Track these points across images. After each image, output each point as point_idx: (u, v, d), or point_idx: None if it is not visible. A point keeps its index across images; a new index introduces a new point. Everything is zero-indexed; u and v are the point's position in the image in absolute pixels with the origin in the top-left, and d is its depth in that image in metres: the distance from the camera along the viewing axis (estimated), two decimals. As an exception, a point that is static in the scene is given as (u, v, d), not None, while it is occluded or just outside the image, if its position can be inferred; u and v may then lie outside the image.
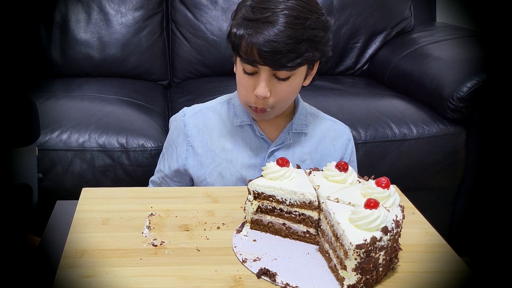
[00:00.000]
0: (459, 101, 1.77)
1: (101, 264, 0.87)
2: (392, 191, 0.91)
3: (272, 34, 1.04)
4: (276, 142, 1.23)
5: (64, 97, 1.86)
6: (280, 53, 1.05)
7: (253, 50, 1.06)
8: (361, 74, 2.35)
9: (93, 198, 1.07)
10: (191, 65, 2.23)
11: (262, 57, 1.06)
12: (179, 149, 1.26)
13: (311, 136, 1.26)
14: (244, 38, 1.07)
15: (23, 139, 0.89)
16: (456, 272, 0.90)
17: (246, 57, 1.08)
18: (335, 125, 1.31)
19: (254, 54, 1.07)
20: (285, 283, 0.84)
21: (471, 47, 2.11)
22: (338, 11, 2.25)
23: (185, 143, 1.25)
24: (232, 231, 0.98)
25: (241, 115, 1.23)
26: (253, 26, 1.07)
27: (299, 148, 1.25)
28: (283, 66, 1.07)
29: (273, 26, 1.05)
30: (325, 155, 1.27)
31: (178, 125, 1.27)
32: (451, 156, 1.82)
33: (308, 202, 0.94)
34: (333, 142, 1.28)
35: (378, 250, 0.82)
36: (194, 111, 1.27)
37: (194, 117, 1.26)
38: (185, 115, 1.27)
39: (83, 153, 1.62)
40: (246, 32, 1.07)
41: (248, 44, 1.07)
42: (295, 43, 1.05)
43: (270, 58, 1.05)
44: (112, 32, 2.14)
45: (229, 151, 1.23)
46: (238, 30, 1.09)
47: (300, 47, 1.06)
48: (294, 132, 1.24)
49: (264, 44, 1.04)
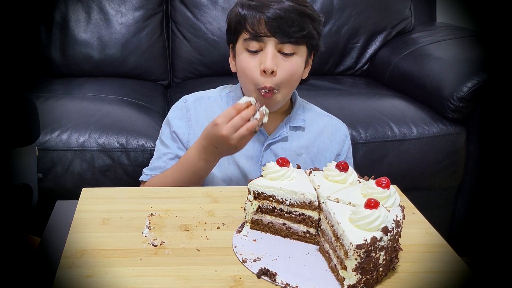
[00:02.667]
0: (459, 101, 1.77)
1: (101, 264, 0.86)
2: (392, 191, 0.91)
3: (278, 6, 1.13)
4: (273, 135, 1.25)
5: (64, 97, 1.86)
6: (287, 23, 1.13)
7: (260, 22, 1.13)
8: (361, 74, 2.35)
9: (93, 198, 1.07)
10: (191, 65, 2.23)
11: (270, 26, 1.13)
12: (180, 131, 1.27)
13: (308, 130, 1.28)
14: (251, 13, 1.14)
15: (23, 139, 0.89)
16: (456, 272, 0.90)
17: (253, 31, 1.14)
18: (332, 121, 1.33)
19: (262, 26, 1.13)
20: (285, 283, 0.84)
21: (471, 47, 2.11)
22: (338, 11, 2.25)
23: (187, 127, 1.26)
24: (232, 231, 0.98)
25: None
26: (258, 2, 1.15)
27: (296, 142, 1.26)
28: (289, 36, 1.13)
29: (278, 1, 1.14)
30: (322, 150, 1.28)
31: (180, 111, 1.28)
32: (451, 156, 1.82)
33: (308, 202, 0.94)
34: (330, 138, 1.30)
35: (379, 250, 0.82)
36: (196, 97, 1.30)
37: (196, 103, 1.29)
38: (187, 101, 1.29)
39: (83, 153, 1.62)
40: (253, 5, 1.15)
41: (255, 17, 1.14)
42: (299, 16, 1.14)
43: (278, 26, 1.13)
44: (112, 32, 2.14)
45: None
46: (243, 9, 1.16)
47: (304, 20, 1.15)
48: (291, 125, 1.26)
49: (272, 14, 1.13)
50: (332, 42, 2.27)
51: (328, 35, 2.25)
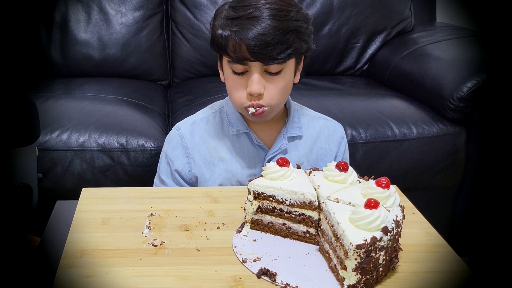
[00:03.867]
0: (459, 101, 1.77)
1: (101, 264, 0.87)
2: (392, 191, 0.91)
3: (259, 28, 1.04)
4: (273, 149, 1.22)
5: (64, 97, 1.86)
6: (270, 46, 1.04)
7: (241, 47, 1.05)
8: (361, 74, 2.35)
9: (93, 198, 1.07)
10: (191, 65, 2.23)
11: (252, 52, 1.04)
12: (177, 163, 1.23)
13: (306, 137, 1.26)
14: (231, 37, 1.06)
15: (23, 139, 0.89)
16: (456, 272, 0.90)
17: (235, 55, 1.07)
18: (328, 123, 1.30)
19: (244, 51, 1.05)
20: (285, 283, 0.84)
21: (471, 47, 2.10)
22: (338, 11, 2.25)
23: (185, 156, 1.23)
24: (232, 231, 0.98)
25: (236, 123, 1.21)
26: (238, 24, 1.06)
27: (295, 152, 1.24)
28: (274, 59, 1.06)
29: (258, 20, 1.04)
30: (321, 155, 1.27)
31: (174, 140, 1.24)
32: (451, 156, 1.82)
33: (308, 202, 0.94)
34: (327, 141, 1.28)
35: (378, 250, 0.82)
36: (188, 123, 1.25)
37: (189, 129, 1.24)
38: (179, 129, 1.25)
39: (83, 153, 1.62)
40: (233, 30, 1.06)
41: (236, 41, 1.05)
42: (282, 35, 1.05)
43: (260, 52, 1.04)
44: (112, 32, 2.14)
45: (228, 162, 1.22)
46: (223, 31, 1.07)
47: (288, 38, 1.05)
48: (289, 136, 1.23)
49: (253, 39, 1.03)
50: (332, 42, 2.27)
51: (328, 35, 2.25)
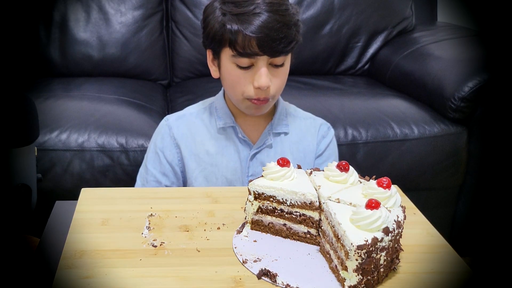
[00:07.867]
0: (460, 101, 1.77)
1: (100, 265, 0.86)
2: (393, 192, 0.90)
3: (266, 24, 1.09)
4: (257, 144, 1.24)
5: (63, 97, 1.86)
6: (277, 40, 1.10)
7: (251, 42, 1.10)
8: (362, 74, 2.34)
9: (93, 198, 1.07)
10: (191, 65, 2.23)
11: (262, 46, 1.10)
12: (166, 153, 1.26)
13: (291, 134, 1.27)
14: (241, 32, 1.10)
15: (22, 139, 0.88)
16: (457, 272, 0.90)
17: (243, 51, 1.11)
18: (315, 122, 1.32)
19: (253, 46, 1.10)
20: (285, 284, 0.83)
21: (472, 47, 2.10)
22: (339, 11, 2.25)
23: (173, 146, 1.26)
24: (232, 231, 0.97)
25: (224, 117, 1.24)
26: (245, 20, 1.10)
27: (280, 148, 1.26)
28: (280, 51, 1.11)
29: (263, 17, 1.09)
30: (308, 152, 1.28)
31: (163, 131, 1.27)
32: (453, 156, 1.82)
33: (309, 202, 0.93)
34: (312, 140, 1.29)
35: (379, 251, 0.81)
36: (177, 116, 1.29)
37: (178, 121, 1.27)
38: (168, 120, 1.28)
39: (82, 153, 1.61)
40: (241, 25, 1.10)
41: (245, 37, 1.09)
42: (287, 29, 1.11)
43: (269, 45, 1.10)
44: (112, 32, 2.14)
45: (213, 155, 1.24)
46: (231, 26, 1.11)
47: (291, 31, 1.12)
48: (274, 132, 1.25)
49: (262, 34, 1.09)
50: (333, 42, 2.26)
51: (328, 35, 2.24)
